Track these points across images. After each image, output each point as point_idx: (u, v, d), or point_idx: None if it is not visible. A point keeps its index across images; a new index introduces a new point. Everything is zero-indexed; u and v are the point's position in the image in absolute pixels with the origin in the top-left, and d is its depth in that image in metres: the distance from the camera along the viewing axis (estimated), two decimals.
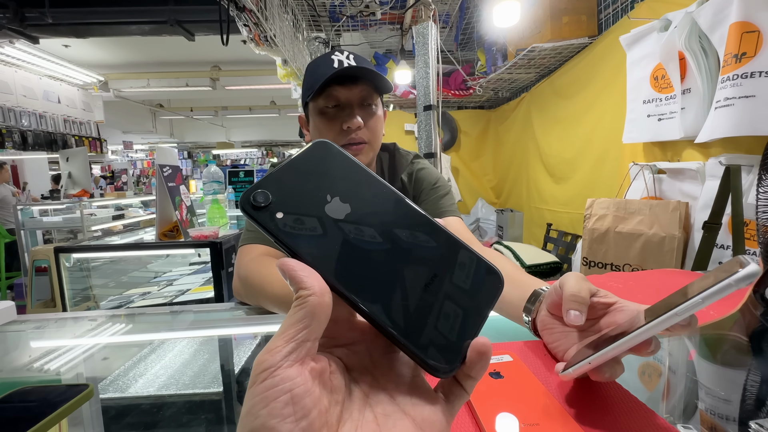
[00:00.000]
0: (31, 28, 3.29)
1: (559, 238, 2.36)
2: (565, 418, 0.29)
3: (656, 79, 1.42)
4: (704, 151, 1.31)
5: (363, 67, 0.66)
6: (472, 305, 0.19)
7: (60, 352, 0.56)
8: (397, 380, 0.19)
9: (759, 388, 0.40)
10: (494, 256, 0.58)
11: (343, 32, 3.01)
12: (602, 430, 0.28)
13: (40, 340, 0.62)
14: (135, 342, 0.63)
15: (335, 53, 0.68)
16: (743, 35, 1.02)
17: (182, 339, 0.64)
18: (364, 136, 0.68)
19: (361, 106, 0.69)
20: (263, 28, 1.52)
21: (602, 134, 2.00)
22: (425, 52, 1.73)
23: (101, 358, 0.56)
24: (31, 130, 4.57)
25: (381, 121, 0.72)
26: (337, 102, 0.68)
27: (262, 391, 0.15)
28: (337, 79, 0.66)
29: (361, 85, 0.67)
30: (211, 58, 5.35)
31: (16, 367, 0.55)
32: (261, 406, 0.15)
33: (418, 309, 0.18)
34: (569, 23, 2.05)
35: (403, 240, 0.19)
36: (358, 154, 0.68)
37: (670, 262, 1.31)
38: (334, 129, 0.68)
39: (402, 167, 0.80)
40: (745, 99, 1.02)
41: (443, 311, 0.18)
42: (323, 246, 0.18)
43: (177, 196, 1.51)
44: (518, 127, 3.23)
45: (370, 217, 0.19)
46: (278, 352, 0.16)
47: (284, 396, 0.15)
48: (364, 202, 0.20)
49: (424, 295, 0.18)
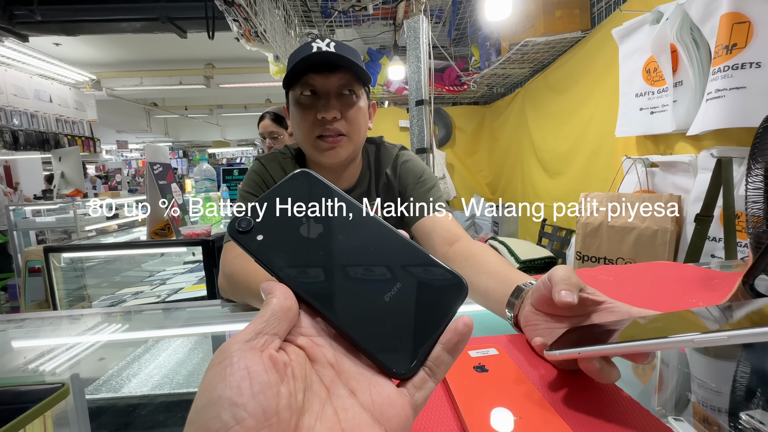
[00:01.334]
0: (20, 26, 3.25)
1: (553, 233, 2.37)
2: (548, 410, 0.29)
3: (648, 72, 1.41)
4: (696, 144, 1.31)
5: (341, 54, 0.61)
6: (432, 311, 0.20)
7: (41, 351, 0.55)
8: (358, 375, 0.19)
9: (749, 380, 0.40)
10: (482, 250, 0.57)
11: (336, 28, 2.99)
12: (585, 422, 0.28)
13: (22, 339, 0.61)
14: (124, 340, 0.61)
15: (317, 40, 0.63)
16: (734, 26, 1.02)
17: (175, 338, 0.63)
18: (342, 127, 0.64)
19: (339, 95, 0.64)
20: (253, 24, 1.50)
21: (596, 128, 2.01)
22: (417, 47, 1.72)
23: (95, 358, 0.55)
24: (23, 130, 4.51)
25: (362, 112, 0.67)
26: (313, 90, 0.64)
27: (219, 369, 0.16)
28: (313, 66, 0.62)
29: (339, 73, 0.62)
30: (205, 55, 5.30)
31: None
32: (218, 380, 0.16)
33: (378, 316, 0.20)
34: (562, 17, 2.04)
35: (369, 254, 0.21)
36: (335, 148, 0.65)
37: (662, 255, 1.32)
38: (309, 119, 0.64)
39: (387, 161, 0.77)
40: (735, 90, 1.01)
41: (403, 318, 0.20)
42: (295, 263, 0.21)
43: (168, 194, 1.50)
44: (513, 123, 3.23)
45: (339, 236, 0.22)
46: (237, 341, 0.17)
47: (241, 372, 0.16)
48: (335, 222, 0.22)
49: (386, 303, 0.20)
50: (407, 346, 0.19)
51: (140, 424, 0.42)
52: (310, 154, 0.69)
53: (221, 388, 0.15)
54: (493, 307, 0.47)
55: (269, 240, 0.21)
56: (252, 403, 0.15)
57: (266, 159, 0.75)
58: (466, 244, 0.61)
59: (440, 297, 0.21)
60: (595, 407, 0.29)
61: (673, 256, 1.32)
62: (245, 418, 0.15)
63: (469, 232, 3.38)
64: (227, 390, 0.15)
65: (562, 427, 0.26)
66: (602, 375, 0.29)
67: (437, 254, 0.65)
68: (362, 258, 0.21)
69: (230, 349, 0.17)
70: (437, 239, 0.66)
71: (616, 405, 0.30)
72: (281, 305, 0.18)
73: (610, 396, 0.31)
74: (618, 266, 0.73)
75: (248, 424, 0.15)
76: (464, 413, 0.28)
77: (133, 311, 0.70)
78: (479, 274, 0.50)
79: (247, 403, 0.15)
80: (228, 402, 0.15)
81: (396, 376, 0.19)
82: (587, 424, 0.28)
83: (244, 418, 0.15)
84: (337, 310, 0.20)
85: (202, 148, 11.23)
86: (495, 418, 0.28)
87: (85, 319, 0.65)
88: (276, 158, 0.75)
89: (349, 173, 0.75)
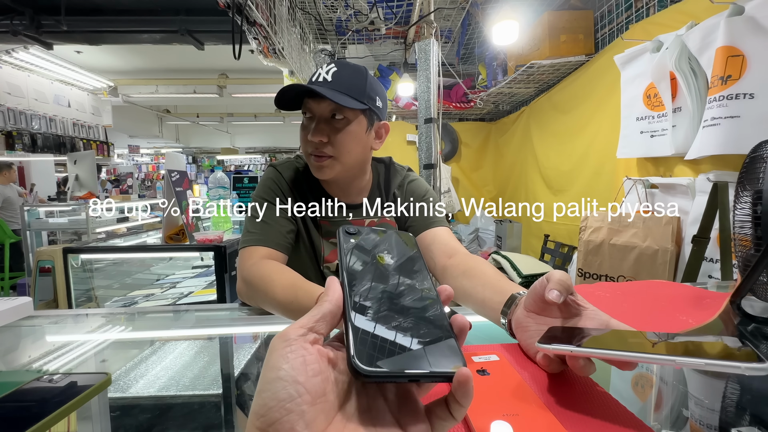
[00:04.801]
0: (46, 35, 3.38)
1: (556, 249, 2.39)
2: (542, 408, 0.33)
3: (649, 97, 1.47)
4: (695, 168, 1.35)
5: (325, 87, 0.67)
6: (425, 349, 0.22)
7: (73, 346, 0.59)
8: (385, 397, 0.22)
9: (739, 397, 0.42)
10: (478, 263, 0.62)
11: (349, 45, 3.10)
12: (576, 421, 0.32)
13: (56, 334, 0.65)
14: (141, 339, 0.65)
15: (323, 65, 0.71)
16: (728, 59, 1.07)
17: (183, 341, 0.65)
18: (328, 151, 0.70)
19: (328, 120, 0.70)
20: (272, 41, 1.59)
21: (598, 148, 2.05)
22: (427, 68, 1.80)
23: (101, 360, 0.57)
24: (41, 133, 4.65)
25: (352, 135, 0.70)
26: (311, 113, 0.70)
27: (283, 353, 0.20)
28: (309, 92, 0.68)
29: (329, 99, 0.66)
30: (219, 66, 5.45)
31: (33, 360, 0.57)
32: (283, 362, 0.20)
33: (380, 323, 0.23)
34: (567, 41, 2.11)
35: (404, 290, 0.26)
36: (322, 167, 0.71)
37: (663, 274, 1.35)
38: (305, 138, 0.71)
39: (396, 180, 0.84)
40: (730, 119, 1.06)
41: (401, 333, 0.23)
42: (358, 273, 0.26)
43: (183, 201, 1.56)
44: (518, 140, 3.28)
45: (392, 273, 0.27)
46: (296, 332, 0.21)
47: (300, 358, 0.20)
48: (395, 265, 0.28)
49: (394, 324, 0.23)
50: (382, 355, 0.21)
51: (152, 425, 0.43)
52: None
53: (287, 368, 0.19)
54: (489, 316, 0.51)
55: (356, 251, 0.28)
56: (309, 383, 0.19)
57: (282, 166, 0.80)
58: (464, 258, 0.66)
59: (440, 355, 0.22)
60: (582, 405, 0.34)
61: (673, 275, 1.34)
62: (304, 393, 0.19)
63: (472, 245, 3.41)
64: (292, 371, 0.19)
65: (553, 423, 0.30)
66: (584, 370, 0.33)
67: (437, 266, 0.70)
68: (402, 296, 0.26)
69: (289, 337, 0.21)
70: (437, 252, 0.71)
71: (601, 405, 0.34)
72: (331, 311, 0.23)
73: (596, 396, 0.35)
74: (615, 283, 0.76)
75: (306, 398, 0.19)
76: (469, 412, 0.32)
77: (177, 311, 0.74)
78: (476, 286, 0.55)
79: (305, 382, 0.19)
80: (292, 379, 0.19)
81: (349, 366, 0.20)
82: (576, 421, 0.32)
83: (303, 393, 0.19)
84: (358, 306, 0.23)
85: (211, 155, 11.40)
86: (495, 415, 0.32)
87: (116, 318, 0.69)
88: (292, 165, 0.81)
89: (356, 188, 0.80)
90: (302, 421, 0.19)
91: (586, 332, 0.36)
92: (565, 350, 0.33)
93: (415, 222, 0.80)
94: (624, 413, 0.32)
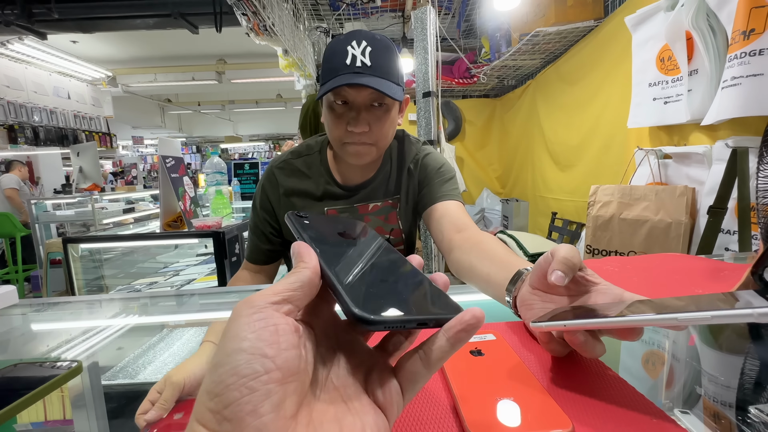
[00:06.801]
0: (39, 24, 3.34)
1: (564, 226, 2.34)
2: (540, 391, 0.29)
3: (662, 60, 1.38)
4: (711, 134, 1.27)
5: (373, 76, 0.62)
6: (422, 298, 0.22)
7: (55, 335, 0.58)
8: (346, 380, 0.20)
9: (758, 373, 0.39)
10: (487, 239, 0.58)
11: (345, 21, 2.98)
12: (579, 404, 0.28)
13: (40, 323, 0.64)
14: (142, 325, 0.64)
15: (353, 43, 0.63)
16: (752, 10, 0.98)
17: (188, 329, 0.64)
18: (369, 139, 0.67)
19: (370, 108, 0.66)
20: (261, 17, 1.51)
21: (608, 120, 1.96)
22: (424, 38, 1.70)
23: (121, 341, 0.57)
24: (43, 126, 4.66)
25: (391, 121, 0.69)
26: (345, 100, 0.66)
27: (249, 321, 0.16)
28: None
29: (371, 87, 0.62)
30: (217, 51, 5.36)
31: (13, 348, 0.57)
32: (249, 331, 0.16)
33: (371, 280, 0.22)
34: (574, 5, 1.99)
35: (377, 258, 0.26)
36: (360, 153, 0.69)
37: (676, 248, 1.29)
38: (340, 127, 0.67)
39: (410, 155, 0.81)
40: (753, 77, 0.98)
41: (393, 290, 0.22)
42: (319, 239, 0.25)
43: (180, 187, 1.53)
44: (524, 115, 3.18)
45: (358, 246, 0.27)
46: (266, 298, 0.18)
47: (271, 327, 0.16)
48: (358, 241, 0.28)
49: (380, 281, 0.22)
50: (382, 303, 0.19)
51: None
52: (337, 151, 0.73)
53: (252, 338, 0.16)
54: (494, 293, 0.47)
55: (311, 225, 0.28)
56: (280, 357, 0.16)
57: (280, 168, 0.79)
58: (474, 233, 0.63)
59: (434, 299, 0.22)
60: (588, 388, 0.30)
61: (687, 248, 1.29)
62: (273, 369, 0.16)
63: (478, 225, 3.37)
64: (259, 342, 0.16)
65: (553, 407, 0.27)
66: (587, 348, 0.29)
67: (444, 239, 0.67)
68: (370, 258, 0.25)
69: (258, 304, 0.17)
70: (446, 225, 0.68)
71: (609, 388, 0.30)
72: (310, 278, 0.19)
73: (603, 378, 0.31)
74: (625, 257, 0.72)
75: (275, 376, 0.15)
76: (457, 394, 0.29)
77: (152, 296, 0.72)
78: (482, 261, 0.51)
79: (276, 356, 0.16)
80: (259, 352, 0.16)
81: (355, 316, 0.18)
82: (579, 404, 0.28)
83: (272, 369, 0.15)
84: (337, 273, 0.21)
85: (215, 144, 11.39)
86: (486, 397, 0.29)
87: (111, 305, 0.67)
88: (291, 164, 0.79)
89: (369, 165, 0.78)
90: (268, 402, 0.15)
91: (593, 310, 0.32)
92: (556, 326, 0.29)
93: (427, 195, 0.77)
94: (634, 395, 0.28)
